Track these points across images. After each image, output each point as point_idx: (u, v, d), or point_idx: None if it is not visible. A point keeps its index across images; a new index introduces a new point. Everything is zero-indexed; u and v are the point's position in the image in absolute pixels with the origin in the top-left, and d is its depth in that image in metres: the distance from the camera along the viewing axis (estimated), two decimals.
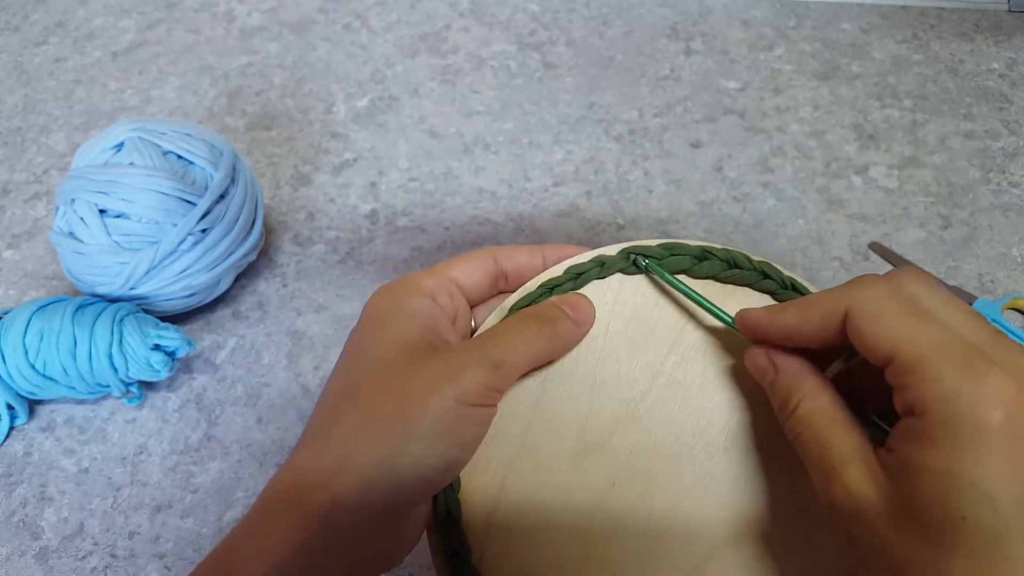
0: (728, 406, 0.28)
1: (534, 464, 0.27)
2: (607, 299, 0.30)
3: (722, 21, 0.70)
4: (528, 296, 0.29)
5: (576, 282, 0.29)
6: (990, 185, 0.55)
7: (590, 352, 0.29)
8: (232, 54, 0.69)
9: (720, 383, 0.28)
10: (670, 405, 0.28)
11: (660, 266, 0.30)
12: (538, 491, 0.27)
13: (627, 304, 0.30)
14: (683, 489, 0.27)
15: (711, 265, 0.30)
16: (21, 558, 0.40)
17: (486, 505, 0.27)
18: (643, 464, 0.27)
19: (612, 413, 0.28)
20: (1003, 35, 0.67)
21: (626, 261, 0.30)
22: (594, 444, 0.28)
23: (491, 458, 0.27)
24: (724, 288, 0.30)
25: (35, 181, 0.60)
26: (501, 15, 0.72)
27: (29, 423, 0.46)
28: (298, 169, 0.59)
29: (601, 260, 0.30)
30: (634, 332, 0.29)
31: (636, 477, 0.27)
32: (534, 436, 0.28)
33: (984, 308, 0.47)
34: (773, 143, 0.59)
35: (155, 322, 0.44)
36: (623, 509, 0.27)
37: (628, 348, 0.29)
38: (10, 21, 0.75)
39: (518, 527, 0.27)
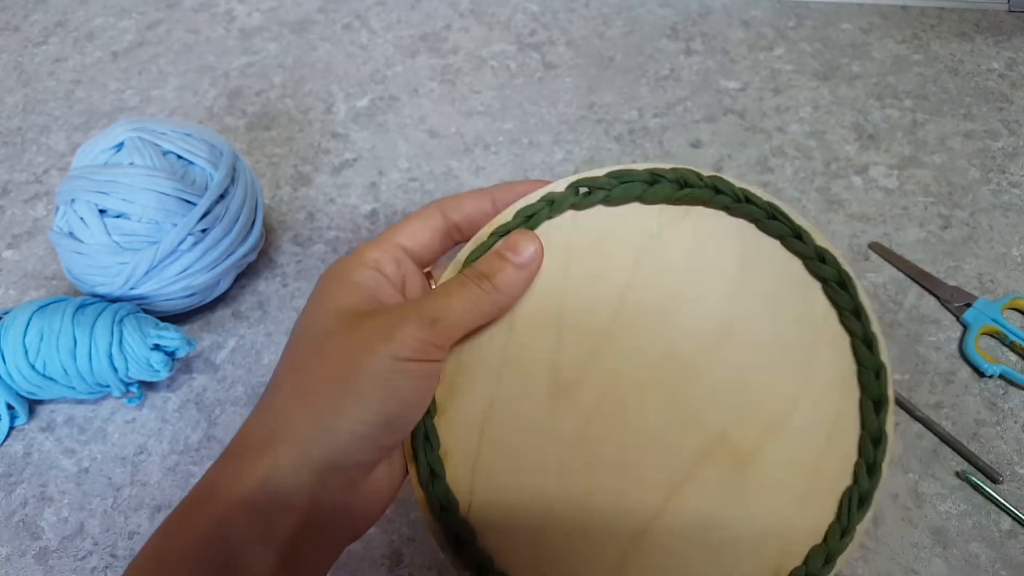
0: (691, 326, 0.29)
1: (510, 411, 0.28)
2: (561, 237, 0.29)
3: (722, 21, 0.70)
4: (481, 246, 0.29)
5: (527, 224, 0.29)
6: (990, 185, 0.55)
7: (552, 291, 0.29)
8: (232, 54, 0.69)
9: (684, 304, 0.29)
10: (637, 333, 0.28)
11: (611, 195, 0.29)
12: (518, 437, 0.28)
13: (583, 239, 0.29)
14: (655, 416, 0.28)
15: (662, 188, 0.29)
16: (21, 558, 0.40)
17: (468, 458, 0.28)
18: (616, 396, 0.28)
19: (582, 349, 0.28)
20: (1003, 35, 0.67)
21: (576, 195, 0.30)
22: (568, 382, 0.28)
23: (466, 411, 0.28)
24: (677, 209, 0.30)
25: (35, 181, 0.60)
26: (501, 15, 0.72)
27: (29, 423, 0.46)
28: (298, 169, 0.59)
29: (551, 199, 0.29)
30: (593, 266, 0.29)
31: (610, 410, 0.28)
32: (507, 384, 0.28)
33: (984, 308, 0.47)
34: (773, 143, 0.59)
35: (155, 322, 0.44)
36: (600, 444, 0.28)
37: (589, 282, 0.29)
38: (10, 21, 0.75)
39: (502, 474, 0.27)
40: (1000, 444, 0.42)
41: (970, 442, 0.42)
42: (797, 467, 0.27)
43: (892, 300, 0.49)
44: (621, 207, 0.30)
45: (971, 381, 0.45)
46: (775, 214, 0.29)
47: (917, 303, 0.49)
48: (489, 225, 0.29)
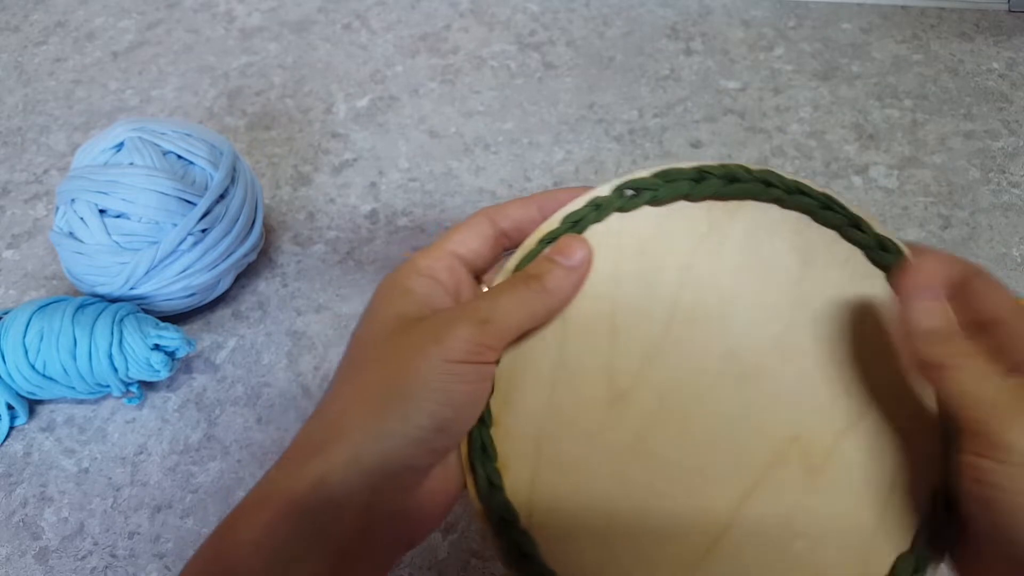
0: (752, 326, 0.27)
1: (566, 421, 0.27)
2: (610, 241, 0.29)
3: (722, 21, 0.70)
4: (530, 253, 0.29)
5: (574, 229, 0.29)
6: (990, 185, 0.55)
7: (603, 296, 0.28)
8: (232, 54, 0.69)
9: (740, 304, 0.28)
10: (693, 337, 0.27)
11: (657, 195, 0.28)
12: (576, 446, 0.27)
13: (631, 241, 0.29)
14: (720, 417, 0.27)
15: (710, 184, 0.28)
16: (21, 558, 0.40)
17: (526, 468, 0.27)
18: (676, 402, 0.27)
19: (636, 355, 0.27)
20: (1003, 35, 0.67)
21: (621, 197, 0.29)
22: (623, 390, 0.27)
23: (522, 421, 0.27)
24: (727, 205, 0.29)
25: (35, 181, 0.60)
26: (501, 15, 0.72)
27: (29, 423, 0.46)
28: (298, 169, 0.59)
29: (596, 203, 0.29)
30: (644, 269, 0.28)
31: (671, 416, 0.27)
32: (561, 393, 0.27)
33: None
34: (773, 143, 0.59)
35: (155, 322, 0.44)
36: (662, 449, 0.27)
37: (641, 285, 0.28)
38: (10, 21, 0.75)
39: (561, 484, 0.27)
40: None
41: None
42: (876, 468, 0.26)
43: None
44: (668, 207, 0.29)
45: None
46: (830, 204, 0.28)
47: None
48: (536, 232, 0.29)
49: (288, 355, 0.48)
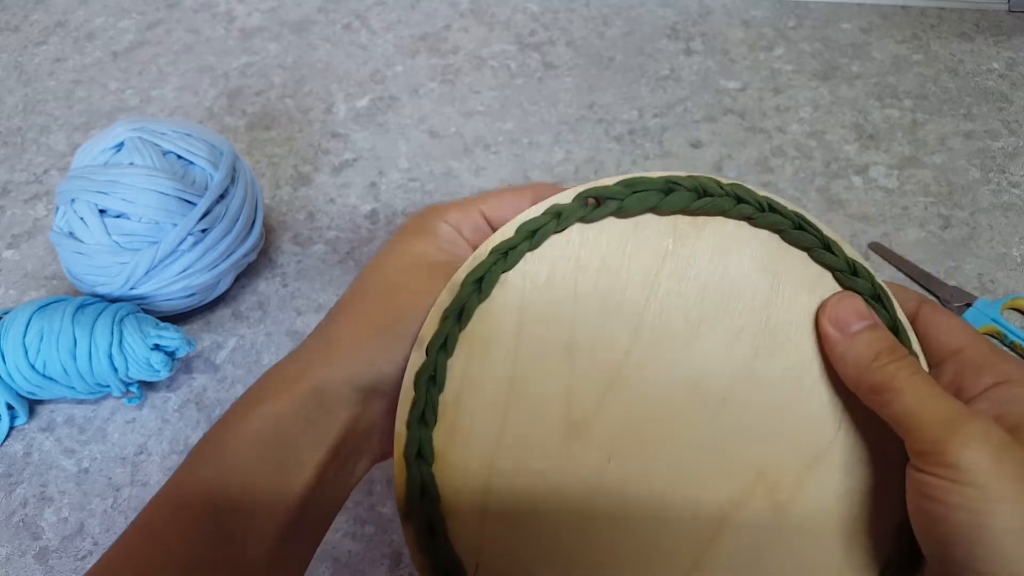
0: (719, 351, 0.26)
1: (519, 455, 0.25)
2: (569, 255, 0.26)
3: (722, 21, 0.70)
4: (481, 264, 0.26)
5: (531, 241, 0.26)
6: (990, 185, 0.55)
7: (560, 318, 0.26)
8: (232, 54, 0.69)
9: (707, 327, 0.26)
10: (656, 362, 0.26)
11: (623, 206, 0.26)
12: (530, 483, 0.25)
13: (593, 256, 0.27)
14: (684, 452, 0.25)
15: (679, 197, 0.26)
16: (21, 558, 0.40)
17: (474, 512, 0.25)
18: (638, 432, 0.25)
19: (595, 381, 0.25)
20: (1003, 35, 0.67)
21: (584, 207, 0.26)
22: (582, 419, 0.25)
23: (469, 457, 0.25)
24: (695, 220, 0.27)
25: (35, 181, 0.60)
26: (501, 15, 0.72)
27: (29, 423, 0.46)
28: (298, 169, 0.59)
29: (556, 211, 0.26)
30: (605, 286, 0.26)
31: (633, 448, 0.25)
32: (513, 424, 0.25)
33: (984, 308, 0.47)
34: (773, 143, 0.59)
35: (155, 322, 0.44)
36: (623, 485, 0.25)
37: (601, 305, 0.26)
38: (10, 21, 0.75)
39: (514, 528, 0.25)
40: None
41: None
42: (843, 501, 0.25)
43: None
44: (633, 219, 0.27)
45: None
46: (802, 224, 0.26)
47: None
48: (488, 242, 0.26)
49: None
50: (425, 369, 0.25)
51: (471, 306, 0.25)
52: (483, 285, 0.26)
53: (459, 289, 0.26)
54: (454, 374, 0.25)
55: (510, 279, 0.26)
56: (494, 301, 0.26)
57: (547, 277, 0.26)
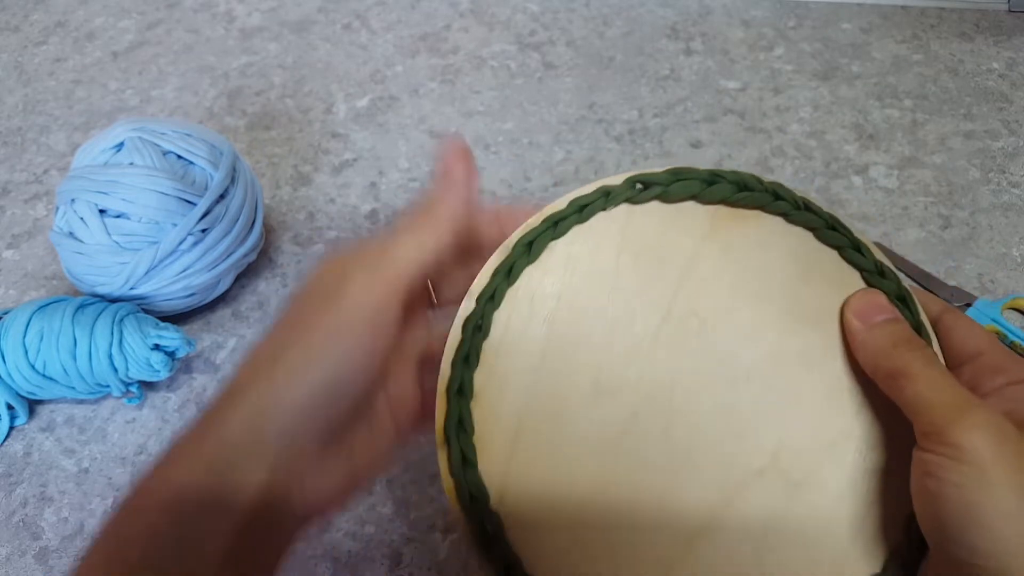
0: (747, 333, 0.27)
1: (549, 407, 0.27)
2: (614, 231, 0.28)
3: (722, 21, 0.70)
4: (533, 230, 0.28)
5: (580, 215, 0.28)
6: (990, 185, 0.55)
7: (600, 287, 0.28)
8: (232, 54, 0.69)
9: (737, 311, 0.27)
10: (686, 338, 0.27)
11: (667, 191, 0.28)
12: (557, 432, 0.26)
13: (636, 234, 0.28)
14: (706, 420, 0.26)
15: (721, 188, 0.28)
16: (21, 558, 0.40)
17: (503, 448, 0.26)
18: (663, 399, 0.27)
19: (626, 351, 0.27)
20: (1003, 35, 0.67)
21: (632, 189, 0.28)
22: (610, 380, 0.27)
23: (504, 399, 0.27)
24: (735, 212, 0.28)
25: (35, 181, 0.60)
26: (501, 15, 0.72)
27: (29, 423, 0.46)
28: (298, 169, 0.59)
29: (606, 190, 0.28)
30: (645, 263, 0.28)
31: (656, 412, 0.26)
32: (546, 379, 0.27)
33: (984, 308, 0.47)
34: (773, 143, 0.59)
35: (155, 322, 0.44)
36: (643, 446, 0.26)
37: (640, 280, 0.28)
38: (10, 21, 0.75)
39: (538, 469, 0.26)
40: None
41: None
42: (855, 488, 0.26)
43: None
44: (677, 205, 0.29)
45: None
46: (835, 225, 0.28)
47: None
48: (541, 213, 0.28)
49: None
50: (473, 316, 0.27)
51: (520, 266, 0.28)
52: (532, 248, 0.28)
53: (511, 250, 0.28)
54: (498, 324, 0.27)
55: (558, 247, 0.28)
56: (541, 265, 0.28)
57: (592, 248, 0.28)
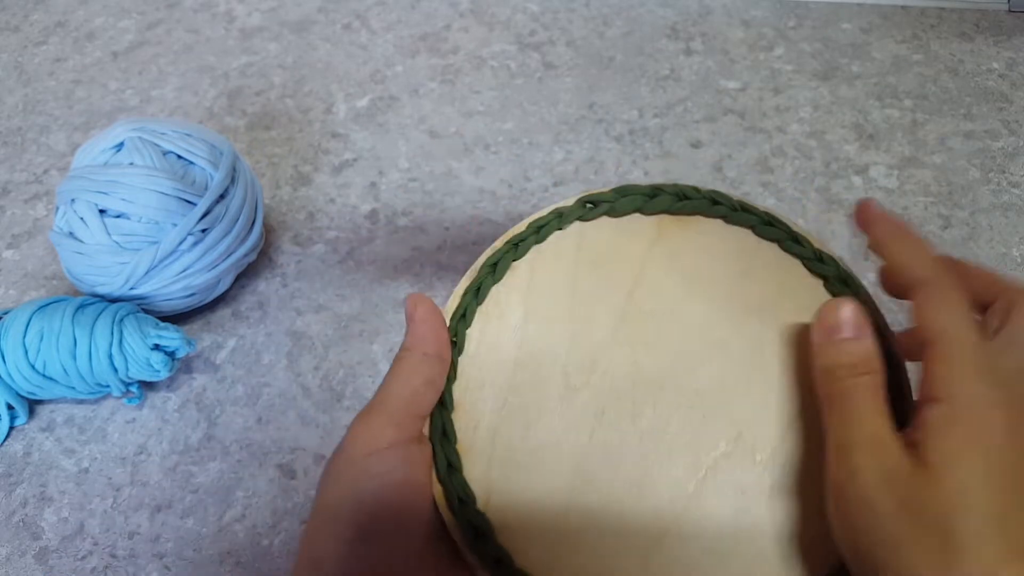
0: (698, 328, 0.30)
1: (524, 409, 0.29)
2: (570, 247, 0.31)
3: (722, 21, 0.70)
4: (497, 252, 0.31)
5: (538, 235, 0.31)
6: (990, 185, 0.55)
7: (561, 298, 0.30)
8: (232, 54, 0.69)
9: (688, 308, 0.30)
10: (646, 334, 0.30)
11: (613, 208, 0.31)
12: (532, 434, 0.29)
13: (589, 248, 0.31)
14: (671, 412, 0.29)
15: (662, 200, 0.32)
16: (21, 558, 0.40)
17: (484, 454, 0.28)
18: (628, 392, 0.29)
19: (591, 352, 0.29)
20: (1003, 35, 0.67)
21: (583, 208, 0.32)
22: (578, 380, 0.29)
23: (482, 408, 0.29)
24: (678, 219, 0.32)
25: (35, 181, 0.60)
26: (501, 15, 0.72)
27: (29, 423, 0.46)
28: (298, 169, 0.59)
29: (560, 212, 0.32)
30: (600, 273, 0.31)
31: (623, 406, 0.29)
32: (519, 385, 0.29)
33: None
34: (773, 143, 0.59)
35: (155, 322, 0.44)
36: (617, 440, 0.28)
37: (596, 288, 0.30)
38: (10, 21, 0.75)
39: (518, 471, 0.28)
40: None
41: None
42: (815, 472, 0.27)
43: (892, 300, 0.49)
44: (625, 218, 0.32)
45: None
46: (771, 220, 0.31)
47: None
48: (503, 236, 0.31)
49: (288, 355, 0.48)
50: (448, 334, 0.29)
51: (487, 285, 0.31)
52: (496, 269, 0.31)
53: (478, 272, 0.31)
54: (471, 340, 0.30)
55: (520, 266, 0.31)
56: (506, 284, 0.31)
57: (551, 264, 0.31)
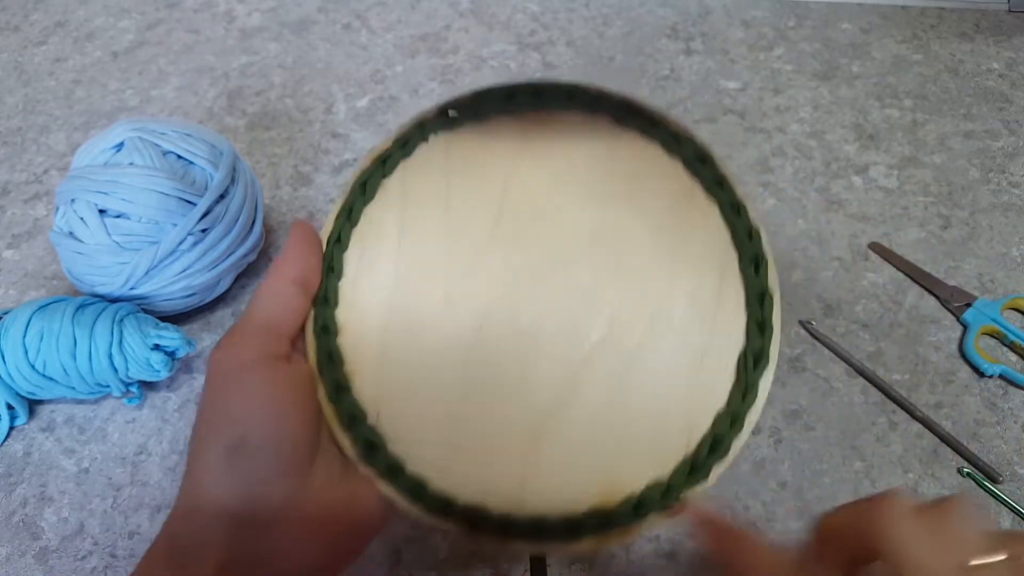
0: (571, 219, 0.30)
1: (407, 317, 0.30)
2: (438, 158, 0.32)
3: (722, 21, 0.70)
4: (365, 171, 0.31)
5: (404, 150, 0.31)
6: (990, 185, 0.55)
7: (436, 210, 0.31)
8: (232, 54, 0.69)
9: (558, 199, 0.31)
10: (522, 230, 0.30)
11: (475, 113, 0.32)
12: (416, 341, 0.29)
13: (458, 155, 0.32)
14: (550, 303, 0.29)
15: (521, 98, 0.32)
16: (21, 558, 0.40)
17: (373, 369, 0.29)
18: (506, 292, 0.30)
19: (468, 257, 0.30)
20: (1003, 35, 0.68)
21: (445, 117, 0.32)
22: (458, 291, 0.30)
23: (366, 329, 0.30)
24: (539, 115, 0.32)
25: (35, 181, 0.60)
26: (501, 15, 0.72)
27: (29, 423, 0.46)
28: (298, 169, 0.59)
29: (421, 122, 0.32)
30: (471, 179, 0.31)
31: (503, 305, 0.30)
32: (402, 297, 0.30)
33: (984, 308, 0.47)
34: (773, 143, 0.59)
35: (155, 322, 0.44)
36: (496, 337, 0.29)
37: (469, 194, 0.31)
38: (10, 21, 0.75)
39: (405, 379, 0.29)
40: (1000, 444, 0.42)
41: (970, 442, 0.42)
42: (687, 350, 0.28)
43: (892, 300, 0.49)
44: (488, 123, 0.32)
45: (971, 381, 0.45)
46: (631, 107, 0.31)
47: (917, 303, 0.49)
48: (369, 154, 0.31)
49: None
50: (325, 260, 0.30)
51: (359, 206, 0.31)
52: (367, 188, 0.31)
53: (348, 193, 0.31)
54: (350, 264, 0.30)
55: (391, 183, 0.31)
56: (378, 202, 0.31)
57: (422, 178, 0.31)
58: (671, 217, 0.30)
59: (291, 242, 0.29)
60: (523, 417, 0.28)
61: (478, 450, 0.28)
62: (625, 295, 0.29)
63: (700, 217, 0.30)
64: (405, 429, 0.28)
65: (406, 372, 0.29)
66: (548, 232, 0.30)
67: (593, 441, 0.28)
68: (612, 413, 0.28)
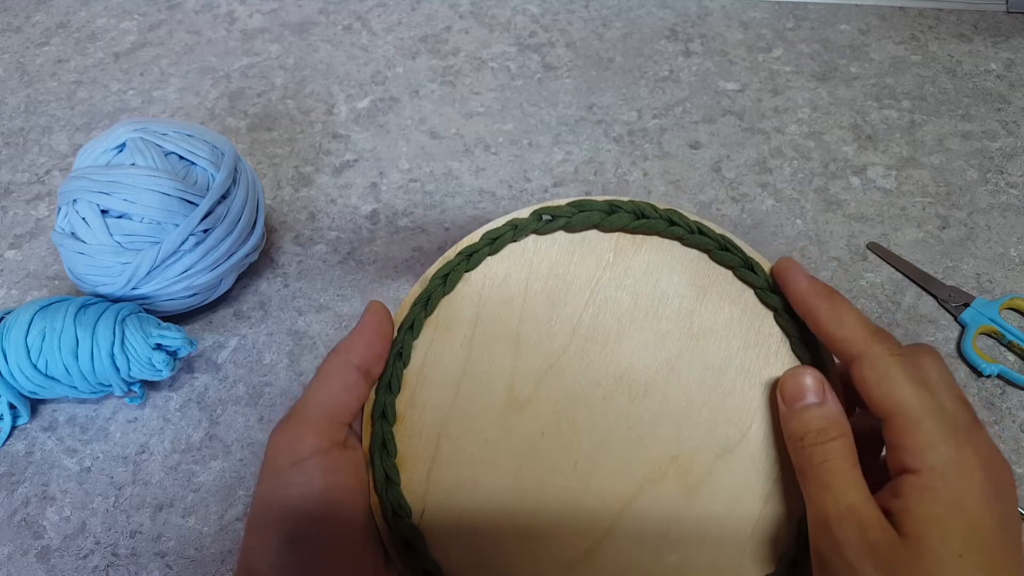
0: (645, 349, 0.30)
1: (467, 422, 0.29)
2: (524, 260, 0.31)
3: (721, 23, 0.71)
4: (448, 263, 0.30)
5: (492, 246, 0.31)
6: (988, 185, 0.56)
7: (511, 312, 0.30)
8: (233, 55, 0.70)
9: (636, 328, 0.30)
10: (590, 355, 0.30)
11: (570, 222, 0.31)
12: (473, 447, 0.29)
13: (543, 263, 0.31)
14: (607, 432, 0.29)
15: (619, 217, 0.31)
16: (23, 557, 0.41)
17: (423, 465, 0.29)
18: (568, 413, 0.29)
19: (536, 368, 0.30)
20: (1001, 36, 0.68)
21: (538, 222, 0.31)
22: (521, 399, 0.29)
23: (424, 421, 0.29)
24: (633, 238, 0.31)
25: (37, 181, 0.60)
26: (501, 17, 0.72)
27: (31, 423, 0.46)
28: (299, 170, 0.60)
29: (515, 223, 0.31)
30: (552, 289, 0.31)
31: (563, 426, 0.29)
32: (464, 397, 0.29)
33: (982, 308, 0.47)
34: (771, 144, 0.59)
35: (157, 322, 0.45)
36: (552, 456, 0.29)
37: (547, 305, 0.30)
38: (12, 22, 0.75)
39: (455, 482, 0.28)
40: (998, 444, 0.42)
41: None
42: (748, 492, 0.28)
43: (890, 300, 0.49)
44: (580, 234, 0.31)
45: (969, 381, 0.45)
46: (727, 246, 0.30)
47: (915, 303, 0.49)
48: (456, 246, 0.31)
49: (289, 355, 0.48)
50: (394, 345, 0.29)
51: (436, 297, 0.30)
52: (447, 281, 0.30)
53: (428, 283, 0.30)
54: (418, 352, 0.30)
55: (472, 277, 0.31)
56: (457, 295, 0.30)
57: (503, 278, 0.31)
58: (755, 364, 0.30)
59: (362, 325, 0.29)
60: (570, 539, 0.28)
61: (518, 566, 0.27)
62: (693, 431, 0.29)
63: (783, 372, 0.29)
64: (447, 532, 0.28)
65: (457, 471, 0.28)
66: (622, 359, 0.30)
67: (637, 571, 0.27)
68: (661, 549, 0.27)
